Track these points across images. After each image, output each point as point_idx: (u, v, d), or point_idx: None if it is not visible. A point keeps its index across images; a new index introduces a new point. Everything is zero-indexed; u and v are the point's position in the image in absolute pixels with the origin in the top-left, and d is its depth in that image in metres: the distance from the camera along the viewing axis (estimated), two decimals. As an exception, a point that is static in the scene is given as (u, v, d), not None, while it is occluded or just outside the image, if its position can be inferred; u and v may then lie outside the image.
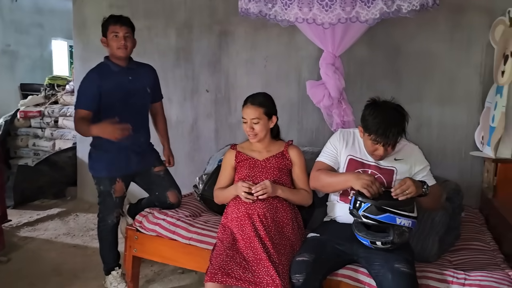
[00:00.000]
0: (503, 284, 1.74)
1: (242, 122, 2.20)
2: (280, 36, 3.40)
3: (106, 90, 2.42)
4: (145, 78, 2.59)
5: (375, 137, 1.90)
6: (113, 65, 2.48)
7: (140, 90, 2.55)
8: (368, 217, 1.82)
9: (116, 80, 2.46)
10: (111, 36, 2.43)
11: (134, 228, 2.49)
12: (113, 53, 2.46)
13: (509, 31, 2.59)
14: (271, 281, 1.82)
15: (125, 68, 2.50)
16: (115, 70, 2.47)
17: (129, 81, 2.49)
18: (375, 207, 1.81)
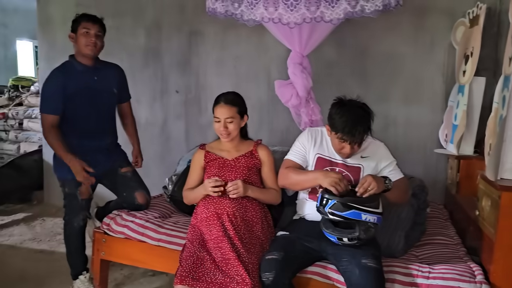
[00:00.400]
0: (465, 276, 1.80)
1: (214, 121, 2.17)
2: (249, 36, 3.41)
3: (71, 90, 2.36)
4: (111, 78, 2.54)
5: (342, 136, 1.93)
6: (78, 64, 2.42)
7: (106, 90, 2.50)
8: (334, 214, 1.85)
9: (81, 79, 2.40)
10: (82, 31, 2.35)
11: (102, 230, 2.43)
12: (81, 51, 2.38)
13: (469, 32, 2.68)
14: (241, 280, 1.82)
15: (91, 67, 2.44)
16: (80, 69, 2.41)
17: (94, 81, 2.44)
18: (341, 204, 1.84)
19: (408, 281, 1.85)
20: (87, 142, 2.45)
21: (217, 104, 2.17)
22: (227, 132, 2.15)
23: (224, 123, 2.14)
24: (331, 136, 2.03)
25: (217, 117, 2.15)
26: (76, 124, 2.42)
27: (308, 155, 2.13)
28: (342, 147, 1.98)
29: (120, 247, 2.40)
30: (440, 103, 3.05)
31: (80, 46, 2.37)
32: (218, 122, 2.15)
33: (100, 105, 2.47)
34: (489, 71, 2.80)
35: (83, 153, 2.43)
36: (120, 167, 2.59)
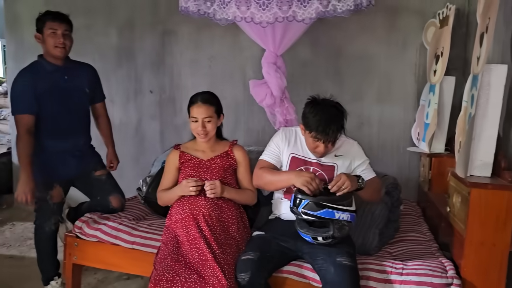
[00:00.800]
0: (436, 272, 1.83)
1: (191, 121, 2.13)
2: (224, 36, 3.40)
3: (40, 90, 2.28)
4: (83, 78, 2.47)
5: (316, 134, 1.93)
6: (48, 64, 2.34)
7: (77, 90, 2.43)
8: (308, 214, 1.85)
9: (51, 80, 2.32)
10: (49, 32, 2.28)
11: (74, 234, 2.37)
12: (50, 52, 2.32)
13: (440, 32, 2.74)
14: (216, 281, 1.80)
15: (61, 67, 2.37)
16: (49, 69, 2.34)
17: (65, 81, 2.37)
18: (314, 204, 1.84)
19: (382, 277, 1.87)
20: (58, 143, 2.38)
21: (193, 103, 2.14)
22: (205, 132, 2.13)
23: (202, 123, 2.11)
24: (305, 135, 2.03)
25: (194, 116, 2.12)
26: (46, 125, 2.35)
27: (282, 155, 2.13)
28: (316, 146, 1.99)
29: (93, 251, 2.35)
30: (412, 102, 3.11)
31: (49, 47, 2.30)
32: (195, 122, 2.12)
33: (72, 105, 2.41)
34: (458, 71, 2.88)
35: (55, 155, 2.37)
36: (94, 170, 2.53)
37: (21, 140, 2.28)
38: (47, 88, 2.31)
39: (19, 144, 2.28)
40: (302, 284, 1.95)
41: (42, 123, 2.34)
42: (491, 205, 1.80)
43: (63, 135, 2.40)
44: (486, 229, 1.81)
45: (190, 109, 2.15)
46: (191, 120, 2.14)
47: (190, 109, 2.14)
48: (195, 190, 2.03)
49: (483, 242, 1.82)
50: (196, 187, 2.03)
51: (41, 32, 2.30)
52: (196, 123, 2.12)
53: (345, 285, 1.75)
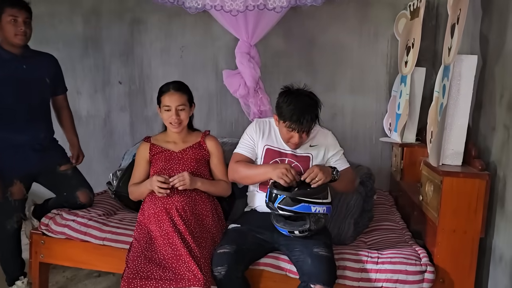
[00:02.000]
0: (411, 259, 1.86)
1: (164, 110, 2.06)
2: (195, 26, 3.32)
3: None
4: (43, 68, 2.35)
5: (290, 124, 1.91)
6: (4, 52, 2.21)
7: (37, 80, 2.31)
8: (284, 209, 1.82)
9: (7, 68, 2.20)
10: (8, 19, 2.16)
11: (40, 231, 2.27)
12: (10, 40, 2.19)
13: (410, 24, 2.77)
14: (192, 276, 1.77)
15: (18, 56, 2.24)
16: (6, 57, 2.21)
17: (23, 70, 2.25)
18: (290, 199, 1.82)
19: (358, 267, 1.89)
20: (16, 136, 2.26)
21: (165, 92, 2.07)
22: (179, 121, 2.07)
23: (176, 111, 2.05)
24: (279, 126, 2.01)
25: (167, 105, 2.05)
26: (4, 116, 2.22)
27: (256, 147, 2.10)
28: (290, 136, 1.96)
29: (61, 248, 2.26)
30: (384, 93, 3.15)
31: (8, 35, 2.18)
32: (168, 111, 2.06)
33: (30, 96, 2.28)
34: (428, 62, 2.93)
35: (13, 149, 2.25)
36: (58, 164, 2.42)
37: None
38: (3, 77, 2.18)
39: None
40: (278, 276, 1.94)
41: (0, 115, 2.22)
42: (463, 193, 1.84)
43: (22, 128, 2.27)
44: (458, 216, 1.86)
45: (161, 98, 2.09)
46: (164, 109, 2.07)
47: (162, 98, 2.08)
48: (162, 192, 1.95)
49: (455, 229, 1.87)
50: (163, 189, 1.95)
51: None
52: (169, 112, 2.06)
53: (322, 275, 1.74)
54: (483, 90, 2.08)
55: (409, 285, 1.83)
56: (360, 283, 1.87)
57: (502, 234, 1.86)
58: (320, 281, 1.73)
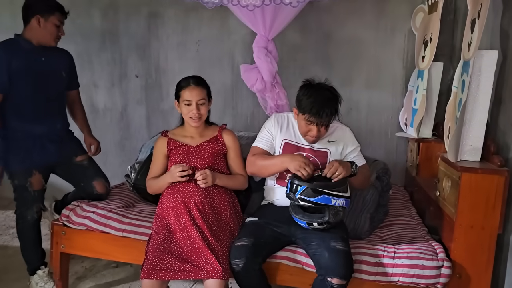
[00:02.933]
0: (427, 255, 1.87)
1: (184, 105, 2.07)
2: (212, 20, 3.33)
3: (15, 68, 2.19)
4: (60, 62, 2.40)
5: (309, 117, 1.92)
6: (25, 42, 2.25)
7: (54, 72, 2.36)
8: (305, 200, 1.85)
9: (27, 58, 2.24)
10: (55, 22, 2.25)
11: (61, 223, 2.32)
12: (46, 40, 2.27)
13: (428, 18, 2.75)
14: (211, 268, 1.80)
15: (38, 47, 2.28)
16: (26, 48, 2.25)
17: (42, 62, 2.29)
18: (311, 190, 1.84)
19: (375, 261, 1.90)
20: (35, 127, 2.30)
21: (185, 87, 2.08)
22: (199, 115, 2.08)
23: (196, 106, 2.07)
24: (298, 119, 2.02)
25: (188, 100, 2.06)
26: (21, 108, 2.27)
27: (275, 141, 2.12)
28: (309, 129, 1.97)
29: (81, 239, 2.30)
30: (400, 88, 3.13)
31: (48, 36, 2.26)
32: (188, 106, 2.07)
33: (48, 88, 2.33)
34: (446, 57, 2.90)
35: (32, 140, 2.30)
36: (74, 155, 2.46)
37: None
38: (22, 67, 2.22)
39: None
40: (295, 269, 1.97)
41: (17, 106, 2.26)
42: (481, 189, 1.84)
43: (38, 119, 2.32)
44: (476, 212, 1.85)
45: (181, 93, 2.10)
46: (184, 104, 2.08)
47: (182, 93, 2.09)
48: (183, 175, 1.99)
49: (473, 225, 1.86)
50: (183, 172, 1.99)
51: (44, 17, 2.23)
52: (190, 107, 2.07)
53: (339, 269, 1.76)
54: (503, 85, 2.06)
55: (425, 280, 1.83)
56: (377, 277, 1.88)
57: (520, 230, 1.85)
58: (337, 275, 1.75)
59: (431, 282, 1.84)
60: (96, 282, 2.60)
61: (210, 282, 1.80)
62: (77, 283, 2.58)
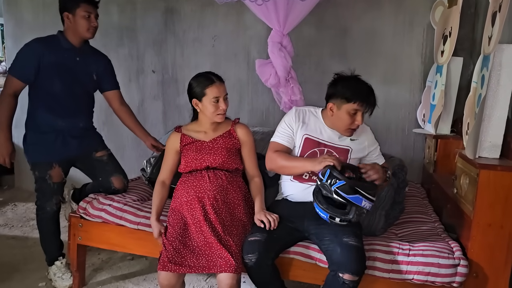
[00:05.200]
0: (443, 253, 1.84)
1: (212, 102, 2.02)
2: (227, 15, 3.33)
3: (48, 62, 2.26)
4: (93, 64, 2.44)
5: (361, 103, 1.91)
6: (65, 41, 2.32)
7: (85, 73, 2.41)
8: (339, 194, 1.79)
9: (61, 56, 2.30)
10: (83, 14, 2.26)
11: (78, 215, 2.36)
12: (81, 34, 2.30)
13: (448, 12, 2.69)
14: (224, 262, 1.81)
15: (76, 48, 2.35)
16: (65, 46, 2.32)
17: (76, 61, 2.35)
18: (349, 187, 1.79)
19: (389, 258, 1.87)
20: (60, 121, 2.36)
21: (212, 84, 2.03)
22: (224, 111, 2.07)
23: (224, 101, 2.06)
24: (338, 113, 1.97)
25: (216, 96, 2.03)
26: (50, 102, 2.33)
27: (295, 136, 2.08)
28: (353, 120, 1.95)
29: (97, 231, 2.34)
30: (418, 83, 3.07)
31: (81, 30, 2.29)
32: (216, 103, 2.03)
33: (76, 87, 2.38)
34: (465, 52, 2.84)
35: (53, 134, 2.35)
36: (95, 151, 2.51)
37: (4, 100, 2.28)
38: (55, 62, 2.28)
39: (2, 102, 2.28)
40: (308, 265, 1.96)
41: (44, 100, 2.33)
42: (500, 186, 1.79)
43: (65, 114, 2.37)
44: (494, 210, 1.81)
45: (206, 91, 2.03)
46: (212, 101, 2.03)
47: (208, 90, 2.03)
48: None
49: (491, 223, 1.82)
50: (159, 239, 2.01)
51: (72, 12, 2.27)
52: (217, 104, 2.04)
53: (351, 264, 1.75)
54: (525, 81, 2.00)
55: (441, 278, 1.80)
56: (391, 275, 1.86)
57: (541, 229, 1.80)
58: (349, 270, 1.74)
59: (447, 280, 1.81)
60: (112, 274, 2.64)
61: (223, 276, 1.81)
62: (94, 275, 2.63)
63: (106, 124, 3.58)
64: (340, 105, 1.96)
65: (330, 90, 2.01)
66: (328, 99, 2.01)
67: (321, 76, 3.19)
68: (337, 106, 1.97)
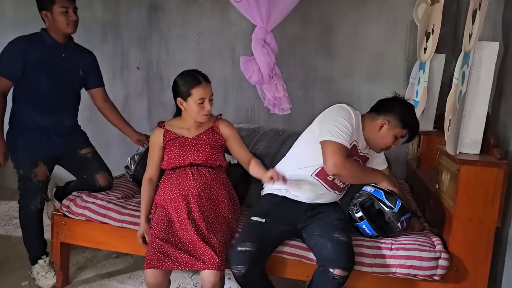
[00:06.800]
0: (425, 246, 1.87)
1: (197, 103, 2.00)
2: (212, 12, 3.32)
3: (33, 59, 2.24)
4: (79, 61, 2.42)
5: (411, 134, 2.03)
6: (49, 38, 2.29)
7: (71, 70, 2.38)
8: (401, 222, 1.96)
9: (46, 53, 2.28)
10: (60, 11, 2.23)
11: (61, 213, 2.34)
12: (62, 30, 2.28)
13: (431, 9, 2.71)
14: (207, 259, 1.82)
15: (61, 44, 2.32)
16: (49, 43, 2.29)
17: (61, 58, 2.33)
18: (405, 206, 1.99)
19: (372, 253, 1.90)
20: (45, 119, 2.33)
21: (198, 84, 2.00)
22: (209, 112, 2.05)
23: (209, 102, 2.03)
24: (387, 131, 2.01)
25: (202, 97, 2.00)
26: (35, 99, 2.31)
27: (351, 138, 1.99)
28: (393, 143, 2.04)
29: (81, 229, 2.33)
30: (402, 80, 3.10)
31: (60, 26, 2.26)
32: (201, 103, 2.01)
33: (62, 84, 2.36)
34: (448, 48, 2.87)
35: (39, 132, 2.33)
36: (79, 148, 2.49)
37: None
38: (40, 60, 2.26)
39: None
40: (292, 261, 1.97)
41: (30, 97, 2.31)
42: (480, 181, 1.82)
43: (51, 111, 2.35)
44: (474, 205, 1.84)
45: (192, 91, 2.00)
46: (198, 102, 2.01)
47: (194, 91, 2.00)
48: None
49: (471, 218, 1.85)
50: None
51: (49, 10, 2.24)
52: (203, 104, 2.01)
53: (342, 260, 1.77)
54: (504, 77, 2.04)
55: (423, 271, 1.83)
56: (374, 269, 1.88)
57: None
58: (340, 266, 1.75)
59: (429, 273, 1.84)
60: (97, 272, 2.63)
61: (206, 273, 1.81)
62: (78, 273, 2.61)
63: (90, 121, 3.54)
64: (394, 126, 2.00)
65: (387, 107, 2.03)
66: (382, 114, 2.03)
67: (306, 73, 3.22)
68: (391, 125, 2.00)
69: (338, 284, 1.77)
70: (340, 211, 2.08)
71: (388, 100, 2.08)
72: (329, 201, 2.06)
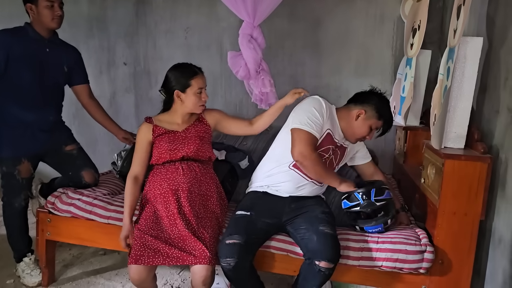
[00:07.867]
0: (411, 240, 1.89)
1: (196, 94, 2.03)
2: (200, 6, 3.31)
3: (17, 53, 2.21)
4: (64, 56, 2.39)
5: (387, 127, 2.08)
6: (33, 32, 2.26)
7: (55, 65, 2.35)
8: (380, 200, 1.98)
9: (31, 47, 2.24)
10: (45, 4, 2.20)
11: (46, 210, 2.31)
12: (46, 24, 2.24)
13: (417, 6, 2.73)
14: (198, 254, 1.81)
15: (45, 39, 2.29)
16: (33, 37, 2.26)
17: (45, 53, 2.29)
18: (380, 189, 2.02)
19: (359, 246, 1.91)
20: (28, 116, 2.30)
21: (195, 75, 2.05)
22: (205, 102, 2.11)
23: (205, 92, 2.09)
24: (363, 121, 2.06)
25: (201, 87, 2.06)
26: (18, 94, 2.27)
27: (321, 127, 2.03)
28: (369, 134, 2.08)
29: (66, 226, 2.30)
30: (389, 76, 3.13)
31: (45, 20, 2.23)
32: (199, 94, 2.06)
33: (46, 79, 2.32)
34: (434, 44, 2.90)
35: (22, 128, 2.30)
36: (64, 144, 2.46)
37: None
38: (24, 53, 2.22)
39: None
40: (280, 256, 1.98)
41: (13, 92, 2.26)
42: (464, 175, 1.84)
43: (35, 107, 2.31)
44: (459, 199, 1.86)
45: (191, 81, 2.03)
46: (197, 92, 2.05)
47: (193, 81, 2.03)
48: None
49: (456, 212, 1.87)
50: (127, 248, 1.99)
51: (34, 3, 2.21)
52: (200, 94, 2.06)
53: (328, 252, 1.78)
54: (488, 73, 2.06)
55: (408, 265, 1.85)
56: (361, 262, 1.90)
57: (502, 216, 1.87)
58: (325, 258, 1.76)
59: (414, 266, 1.86)
60: (83, 269, 2.60)
61: (197, 268, 1.81)
62: (64, 270, 2.58)
63: (76, 117, 3.50)
64: (370, 117, 2.04)
65: (364, 98, 2.09)
66: (359, 104, 2.08)
67: (294, 68, 3.22)
68: (367, 116, 2.04)
69: (325, 276, 1.79)
70: (324, 205, 2.09)
71: (365, 92, 2.15)
72: (311, 194, 2.08)
